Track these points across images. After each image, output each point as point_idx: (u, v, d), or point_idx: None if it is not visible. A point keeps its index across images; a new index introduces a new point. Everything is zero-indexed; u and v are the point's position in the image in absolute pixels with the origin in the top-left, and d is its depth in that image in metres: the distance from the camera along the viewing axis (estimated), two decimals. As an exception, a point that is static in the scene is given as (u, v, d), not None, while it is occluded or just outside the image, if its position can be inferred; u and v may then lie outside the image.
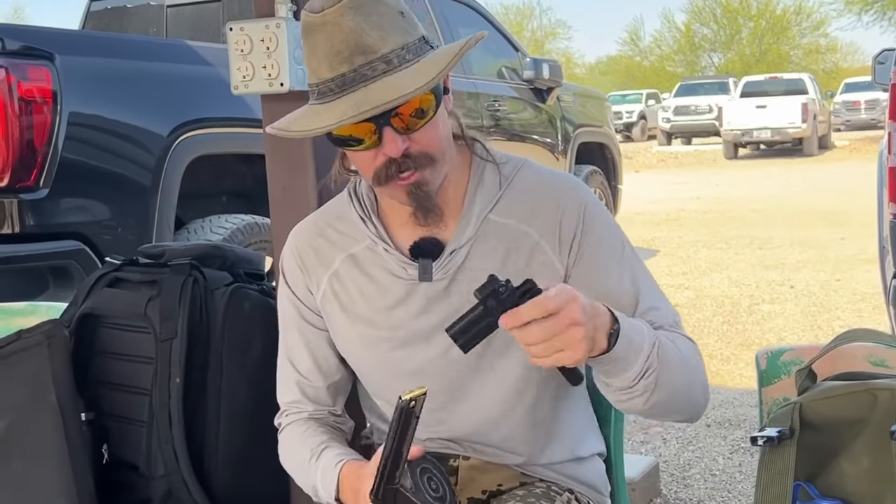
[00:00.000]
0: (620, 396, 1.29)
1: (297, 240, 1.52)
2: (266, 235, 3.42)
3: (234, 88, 1.73)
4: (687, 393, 1.34)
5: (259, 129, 1.83)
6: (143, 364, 1.74)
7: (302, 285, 1.50)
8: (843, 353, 1.50)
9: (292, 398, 1.52)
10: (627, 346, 1.22)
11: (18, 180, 2.80)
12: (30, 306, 2.12)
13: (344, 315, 1.46)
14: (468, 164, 1.45)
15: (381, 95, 1.23)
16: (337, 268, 1.47)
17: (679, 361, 1.30)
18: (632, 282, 1.40)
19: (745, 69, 34.10)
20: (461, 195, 1.43)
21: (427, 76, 1.23)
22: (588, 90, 7.43)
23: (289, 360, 1.52)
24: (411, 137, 1.30)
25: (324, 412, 1.52)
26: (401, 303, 1.42)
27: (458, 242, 1.40)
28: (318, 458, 1.42)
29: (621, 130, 24.32)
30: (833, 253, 7.52)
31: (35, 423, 1.63)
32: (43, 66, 2.85)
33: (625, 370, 1.24)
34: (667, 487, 3.13)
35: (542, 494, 1.45)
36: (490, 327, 1.13)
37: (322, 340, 1.50)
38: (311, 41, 1.28)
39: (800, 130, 18.87)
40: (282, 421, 1.54)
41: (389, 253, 1.43)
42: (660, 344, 1.27)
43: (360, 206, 1.47)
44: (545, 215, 1.41)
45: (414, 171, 1.31)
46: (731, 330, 5.27)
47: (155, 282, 1.77)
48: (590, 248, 1.40)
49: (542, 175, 1.46)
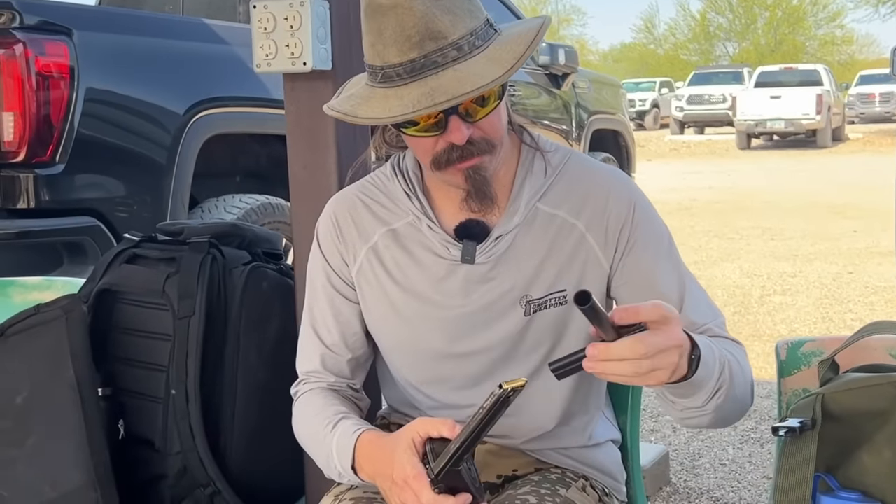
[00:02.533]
0: (687, 415, 1.28)
1: (336, 207, 1.49)
2: (280, 216, 3.42)
3: (257, 67, 1.72)
4: (743, 401, 1.33)
5: (275, 109, 1.83)
6: (160, 341, 1.74)
7: (337, 255, 1.47)
8: (865, 345, 1.49)
9: (313, 368, 1.49)
10: (705, 371, 1.20)
11: (34, 155, 2.80)
12: (46, 281, 2.12)
13: (378, 289, 1.45)
14: (518, 150, 1.44)
15: (455, 85, 1.20)
16: (376, 241, 1.45)
17: (740, 375, 1.29)
18: (678, 280, 1.39)
19: (759, 59, 33.93)
20: (510, 181, 1.41)
21: (502, 66, 1.22)
22: (603, 77, 7.40)
23: (313, 329, 1.50)
24: (475, 125, 1.28)
25: (343, 385, 1.49)
26: (439, 282, 1.41)
27: (505, 228, 1.39)
28: (334, 427, 1.39)
29: (634, 119, 24.19)
30: (845, 245, 7.49)
31: (52, 398, 1.64)
32: (60, 42, 2.84)
33: (697, 392, 1.22)
34: (676, 476, 3.13)
35: (557, 480, 1.45)
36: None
37: (352, 312, 1.48)
38: (378, 23, 1.24)
39: (814, 122, 18.79)
40: (299, 389, 1.51)
41: (433, 231, 1.41)
42: (727, 361, 1.26)
43: (406, 181, 1.45)
44: (593, 208, 1.40)
45: (476, 156, 1.30)
46: (741, 321, 5.26)
47: (173, 259, 1.77)
48: (638, 243, 1.39)
49: (592, 168, 1.45)
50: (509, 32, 1.29)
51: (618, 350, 1.08)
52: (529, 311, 1.39)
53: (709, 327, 1.37)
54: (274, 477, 1.78)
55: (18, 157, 2.80)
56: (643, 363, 1.09)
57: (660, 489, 3.02)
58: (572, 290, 1.38)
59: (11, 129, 2.80)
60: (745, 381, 1.32)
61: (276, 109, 1.80)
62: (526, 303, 1.39)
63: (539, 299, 1.39)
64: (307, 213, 1.69)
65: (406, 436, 1.24)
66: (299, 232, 1.77)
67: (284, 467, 1.79)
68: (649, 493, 2.92)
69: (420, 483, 1.19)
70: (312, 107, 1.72)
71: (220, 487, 1.68)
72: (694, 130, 23.92)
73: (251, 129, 3.48)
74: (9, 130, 2.80)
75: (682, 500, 2.96)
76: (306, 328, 1.51)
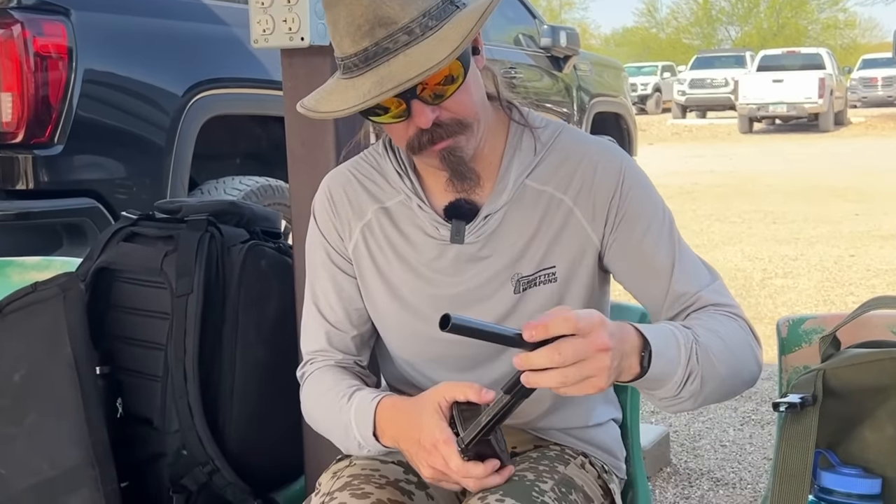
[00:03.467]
0: (667, 404, 1.27)
1: (330, 183, 1.49)
2: (280, 198, 3.41)
3: (254, 42, 1.71)
4: (735, 376, 1.30)
5: (274, 91, 1.81)
6: (158, 319, 1.73)
7: (333, 230, 1.47)
8: (866, 322, 1.48)
9: (318, 346, 1.48)
10: (663, 364, 1.19)
11: (33, 136, 2.79)
12: (44, 261, 2.11)
13: (374, 268, 1.44)
14: (506, 126, 1.42)
15: (403, 71, 1.19)
16: (370, 219, 1.44)
17: (722, 351, 1.27)
18: (670, 251, 1.37)
19: (762, 43, 33.83)
20: (498, 158, 1.40)
21: (450, 46, 1.19)
22: (605, 59, 7.37)
23: (316, 307, 1.48)
24: (441, 106, 1.27)
25: (350, 362, 1.48)
26: (431, 262, 1.40)
27: (494, 207, 1.38)
28: (350, 398, 1.37)
29: (636, 103, 24.10)
30: (847, 229, 7.48)
31: (50, 376, 1.63)
32: (58, 22, 2.83)
33: (665, 384, 1.22)
34: (677, 457, 3.13)
35: (555, 457, 1.44)
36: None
37: (352, 287, 1.47)
38: (332, 15, 1.24)
39: (816, 106, 18.75)
40: (306, 370, 1.49)
41: (423, 210, 1.40)
42: (697, 344, 1.24)
43: (397, 160, 1.44)
44: (580, 181, 1.38)
45: (447, 138, 1.29)
46: (743, 303, 5.25)
47: (171, 237, 1.76)
48: (628, 215, 1.37)
49: (582, 141, 1.42)
50: (467, 9, 1.26)
51: (536, 359, 1.08)
52: (520, 288, 1.38)
53: (699, 296, 1.35)
54: (273, 455, 1.78)
55: (17, 138, 2.79)
56: (569, 371, 1.08)
57: (660, 470, 3.02)
58: (562, 266, 1.37)
59: (10, 110, 2.79)
60: (733, 357, 1.29)
61: (276, 91, 1.79)
62: (516, 280, 1.38)
63: (529, 276, 1.38)
64: (305, 189, 1.68)
65: (432, 399, 1.24)
66: (297, 209, 1.76)
67: (284, 446, 1.78)
68: (649, 474, 2.92)
69: (449, 448, 1.21)
70: (310, 83, 1.70)
71: (218, 466, 1.68)
72: (696, 114, 23.86)
73: (251, 110, 3.47)
74: (7, 111, 2.79)
75: (683, 481, 2.96)
76: (309, 307, 1.49)
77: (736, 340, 1.31)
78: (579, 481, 1.40)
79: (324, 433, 1.45)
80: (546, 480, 1.35)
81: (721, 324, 1.31)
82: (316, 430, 1.48)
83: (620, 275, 1.41)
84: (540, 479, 1.35)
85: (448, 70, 1.24)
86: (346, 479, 1.37)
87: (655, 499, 2.83)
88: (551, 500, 1.30)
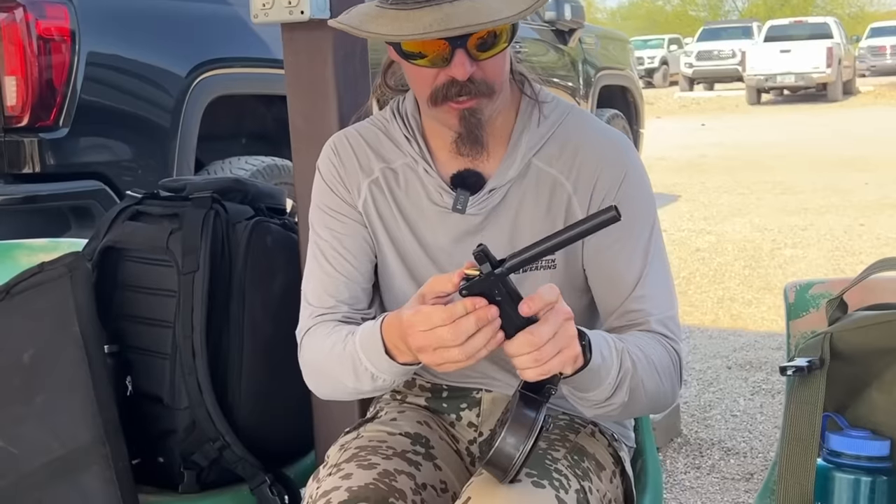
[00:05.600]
0: (596, 410, 1.28)
1: (336, 141, 1.47)
2: (286, 177, 3.40)
3: (254, 17, 1.70)
4: (656, 398, 1.32)
5: (279, 70, 1.80)
6: (165, 297, 1.73)
7: (340, 184, 1.44)
8: (873, 285, 1.47)
9: (323, 303, 1.42)
10: (599, 360, 1.19)
11: (38, 119, 2.79)
12: (51, 243, 2.12)
13: (380, 224, 1.43)
14: (517, 100, 1.41)
15: (470, 16, 1.18)
16: (377, 176, 1.43)
17: (647, 369, 1.28)
18: (640, 266, 1.36)
19: (769, 13, 33.56)
20: (507, 132, 1.39)
21: (518, 5, 1.19)
22: (610, 32, 7.32)
23: (323, 258, 1.43)
24: (479, 63, 1.26)
25: (357, 317, 1.42)
26: (433, 228, 1.40)
27: (500, 181, 1.37)
28: (353, 334, 1.30)
29: (643, 76, 23.99)
30: (857, 198, 7.45)
31: (59, 355, 1.63)
32: (61, 5, 2.82)
33: (600, 384, 1.22)
34: (687, 428, 3.14)
35: (565, 426, 1.44)
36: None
37: (361, 237, 1.43)
38: None
39: (824, 75, 18.63)
40: (305, 323, 1.43)
41: (430, 175, 1.40)
42: (628, 353, 1.25)
43: (405, 124, 1.43)
44: (583, 171, 1.37)
45: (474, 97, 1.28)
46: (752, 274, 5.24)
47: (176, 215, 1.76)
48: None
49: (590, 129, 1.41)
50: None
51: (516, 348, 1.11)
52: (518, 270, 1.37)
53: (647, 321, 1.35)
54: (283, 429, 1.78)
55: (22, 122, 2.79)
56: (545, 348, 1.09)
57: (671, 440, 3.02)
58: (560, 254, 1.37)
59: (14, 94, 2.79)
60: (658, 376, 1.30)
61: (280, 70, 1.78)
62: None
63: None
64: (308, 164, 1.68)
65: (418, 293, 1.18)
66: (301, 183, 1.76)
67: (293, 420, 1.79)
68: (660, 445, 2.92)
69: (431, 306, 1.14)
70: (311, 57, 1.70)
71: (229, 441, 1.68)
72: (703, 87, 23.74)
73: (255, 90, 3.46)
74: (11, 95, 2.79)
75: (694, 451, 2.96)
76: (312, 264, 1.44)
77: (662, 364, 1.32)
78: (591, 449, 1.41)
79: (332, 379, 1.36)
80: (558, 448, 1.36)
81: (652, 347, 1.32)
82: (320, 387, 1.41)
83: (586, 270, 1.40)
84: (552, 447, 1.36)
85: (504, 30, 1.24)
86: (354, 450, 1.37)
87: (666, 469, 2.84)
88: (564, 468, 1.31)
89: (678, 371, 1.36)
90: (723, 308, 4.63)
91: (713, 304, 4.71)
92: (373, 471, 1.31)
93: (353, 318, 1.42)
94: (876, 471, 1.29)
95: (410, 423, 1.46)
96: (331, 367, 1.35)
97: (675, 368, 1.35)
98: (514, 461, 1.15)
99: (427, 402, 1.52)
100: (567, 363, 1.12)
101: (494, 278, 1.10)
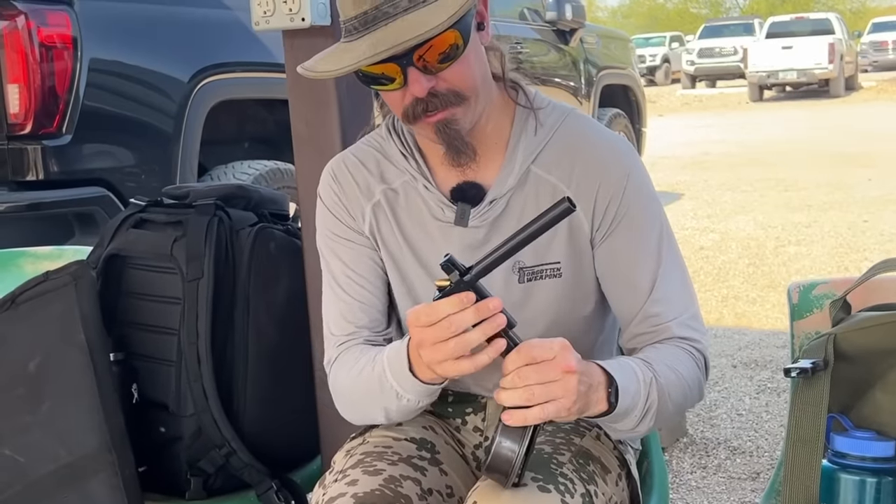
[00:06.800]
0: (623, 435, 1.33)
1: (333, 167, 1.46)
2: (289, 181, 3.41)
3: (255, 25, 1.70)
4: (680, 409, 1.37)
5: (280, 74, 1.81)
6: (170, 304, 1.73)
7: (343, 210, 1.44)
8: (877, 285, 1.47)
9: (344, 330, 1.43)
10: (627, 401, 1.22)
11: (41, 127, 2.80)
12: (56, 250, 2.12)
13: (384, 247, 1.43)
14: (512, 108, 1.40)
15: (397, 34, 1.19)
16: (379, 199, 1.43)
17: (676, 388, 1.31)
18: (654, 269, 1.36)
19: (770, 9, 33.51)
20: (503, 141, 1.39)
21: (446, 12, 1.19)
22: (611, 31, 7.32)
23: (337, 286, 1.43)
24: (438, 76, 1.26)
25: (379, 339, 1.43)
26: (437, 244, 1.40)
27: (499, 191, 1.37)
28: (382, 352, 1.31)
29: (645, 74, 23.98)
30: (860, 194, 7.44)
31: (64, 363, 1.64)
32: (62, 12, 2.82)
33: (626, 418, 1.25)
34: (693, 427, 3.14)
35: (571, 430, 1.44)
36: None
37: (370, 259, 1.43)
38: None
39: (826, 71, 18.60)
40: (331, 353, 1.44)
41: (429, 191, 1.39)
42: (656, 381, 1.27)
43: (402, 142, 1.43)
44: (584, 178, 1.36)
45: (442, 109, 1.28)
46: (756, 272, 5.24)
47: (180, 222, 1.76)
48: (622, 224, 1.36)
49: (590, 134, 1.40)
50: None
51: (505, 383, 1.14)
52: (524, 278, 1.37)
53: (669, 326, 1.35)
54: (289, 435, 1.79)
55: (25, 129, 2.79)
56: (535, 389, 1.12)
57: (677, 440, 3.02)
58: (566, 261, 1.37)
59: (17, 102, 2.79)
60: (684, 392, 1.33)
61: (282, 74, 1.78)
62: (519, 269, 1.37)
63: (532, 268, 1.37)
64: (311, 169, 1.69)
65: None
66: (304, 188, 1.77)
67: (299, 426, 1.79)
68: (666, 445, 2.93)
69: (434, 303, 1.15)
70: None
71: (235, 447, 1.69)
72: (705, 84, 23.70)
73: (257, 94, 3.46)
74: (14, 103, 2.79)
75: (700, 451, 2.96)
76: (328, 292, 1.45)
77: (690, 375, 1.34)
78: (596, 452, 1.41)
79: (358, 401, 1.38)
80: (563, 452, 1.36)
81: (680, 360, 1.34)
82: (351, 412, 1.42)
83: (600, 279, 1.40)
84: (557, 451, 1.36)
85: (446, 39, 1.22)
86: (360, 456, 1.38)
87: (672, 469, 2.84)
88: (570, 472, 1.31)
89: (703, 370, 1.39)
90: (727, 306, 4.63)
91: (717, 302, 4.71)
92: (378, 477, 1.31)
93: (375, 341, 1.43)
94: (881, 472, 1.30)
95: (416, 429, 1.46)
96: (361, 389, 1.36)
97: (702, 370, 1.38)
98: (512, 463, 1.16)
99: (433, 407, 1.52)
100: (564, 411, 1.13)
101: (464, 285, 1.14)
